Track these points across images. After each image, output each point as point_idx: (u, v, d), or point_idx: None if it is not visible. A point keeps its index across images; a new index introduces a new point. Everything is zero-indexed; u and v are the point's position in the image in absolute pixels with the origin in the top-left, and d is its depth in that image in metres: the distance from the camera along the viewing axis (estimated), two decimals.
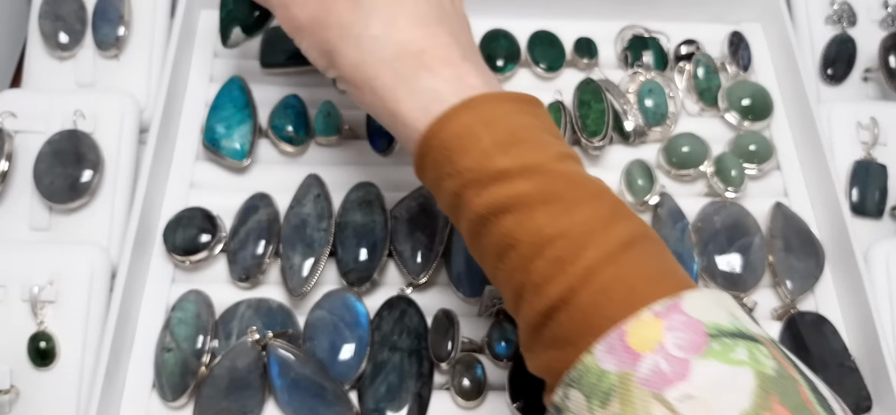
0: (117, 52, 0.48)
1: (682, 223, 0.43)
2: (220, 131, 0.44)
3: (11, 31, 0.51)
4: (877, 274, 0.42)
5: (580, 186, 0.29)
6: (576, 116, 0.45)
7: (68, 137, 0.43)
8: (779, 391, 0.24)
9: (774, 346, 0.26)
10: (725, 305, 0.27)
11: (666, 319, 0.26)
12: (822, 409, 0.25)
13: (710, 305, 0.26)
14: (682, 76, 0.49)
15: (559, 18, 0.50)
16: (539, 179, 0.29)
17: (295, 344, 0.39)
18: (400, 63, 0.32)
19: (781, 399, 0.24)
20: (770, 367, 0.25)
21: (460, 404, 0.38)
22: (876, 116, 0.47)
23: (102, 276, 0.40)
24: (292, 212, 0.42)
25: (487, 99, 0.31)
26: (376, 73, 0.32)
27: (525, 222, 0.28)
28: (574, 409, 0.27)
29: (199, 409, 0.38)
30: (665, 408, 0.24)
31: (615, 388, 0.25)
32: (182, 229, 0.41)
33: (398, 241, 0.41)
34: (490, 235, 0.30)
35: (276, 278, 0.41)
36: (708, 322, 0.26)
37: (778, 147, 0.47)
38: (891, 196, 0.46)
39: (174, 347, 0.39)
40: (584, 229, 0.28)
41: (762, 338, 0.26)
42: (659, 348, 0.25)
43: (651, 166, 0.45)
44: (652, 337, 0.25)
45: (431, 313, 0.40)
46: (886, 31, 0.51)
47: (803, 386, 0.25)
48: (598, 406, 0.26)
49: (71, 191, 0.42)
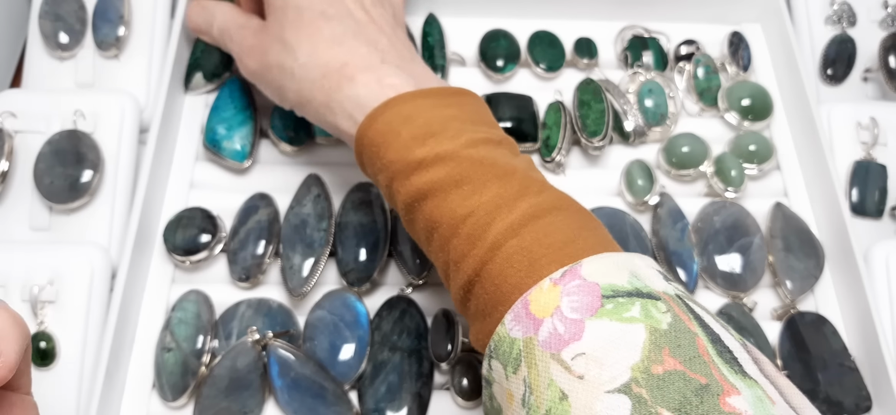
0: (117, 52, 0.48)
1: (681, 223, 0.43)
2: (221, 132, 0.44)
3: (11, 31, 0.51)
4: (877, 274, 0.42)
5: (489, 168, 0.31)
6: (576, 116, 0.45)
7: (68, 137, 0.43)
8: (670, 344, 0.25)
9: (678, 301, 0.28)
10: (628, 267, 0.28)
11: (563, 284, 0.27)
12: (720, 359, 0.26)
13: (609, 269, 0.28)
14: (682, 76, 0.49)
15: (559, 18, 0.50)
16: (451, 165, 0.31)
17: (295, 344, 0.39)
18: (326, 80, 0.36)
19: (672, 351, 0.25)
20: (664, 322, 0.26)
21: (460, 404, 0.38)
22: (876, 116, 0.47)
23: (102, 276, 0.40)
24: (292, 212, 0.42)
25: (407, 97, 0.34)
26: (311, 95, 0.36)
27: (441, 206, 0.31)
28: (497, 378, 0.29)
29: (199, 409, 0.38)
30: (561, 367, 0.26)
31: (522, 353, 0.27)
32: (182, 229, 0.41)
33: (398, 241, 0.41)
34: (417, 221, 0.33)
35: (276, 278, 0.41)
36: (604, 284, 0.27)
37: (778, 147, 0.47)
38: (891, 196, 0.46)
39: (174, 347, 0.39)
40: (490, 207, 0.30)
41: (664, 294, 0.27)
42: (556, 312, 0.27)
43: (651, 166, 0.45)
44: (551, 303, 0.27)
45: (431, 313, 0.40)
46: (886, 31, 0.51)
47: (702, 338, 0.26)
48: (511, 373, 0.28)
49: (71, 191, 0.42)
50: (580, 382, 0.25)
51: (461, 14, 0.50)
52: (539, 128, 0.46)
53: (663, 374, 0.25)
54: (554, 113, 0.46)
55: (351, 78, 0.35)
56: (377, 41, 0.37)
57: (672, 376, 0.25)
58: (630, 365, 0.25)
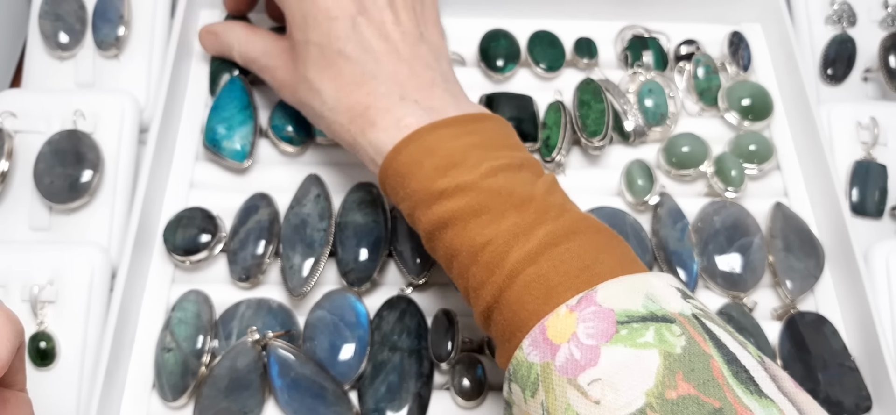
0: (117, 52, 0.48)
1: (681, 223, 0.43)
2: (221, 132, 0.44)
3: (11, 31, 0.51)
4: (877, 274, 0.42)
5: (506, 197, 0.32)
6: (576, 116, 0.45)
7: (68, 137, 0.43)
8: (684, 368, 0.26)
9: (694, 322, 0.28)
10: (644, 290, 0.29)
11: (579, 311, 0.28)
12: (735, 380, 0.26)
13: (624, 293, 0.28)
14: (682, 76, 0.49)
15: (559, 18, 0.50)
16: (471, 195, 0.32)
17: (295, 344, 0.39)
18: (353, 125, 0.37)
19: (686, 375, 0.26)
20: (678, 346, 0.27)
21: (460, 404, 0.38)
22: (876, 116, 0.47)
23: (102, 276, 0.40)
24: (292, 212, 0.42)
25: (428, 129, 0.35)
26: (340, 136, 0.38)
27: (461, 234, 0.32)
28: (516, 401, 0.30)
29: (199, 409, 0.38)
30: (578, 392, 0.27)
31: (540, 378, 0.28)
32: (182, 229, 0.41)
33: (398, 241, 0.41)
34: (438, 248, 0.34)
35: (276, 278, 0.41)
36: (618, 310, 0.28)
37: (778, 147, 0.47)
38: (891, 196, 0.46)
39: (174, 347, 0.39)
40: (508, 235, 0.31)
41: (679, 316, 0.28)
42: (573, 338, 0.27)
43: (651, 166, 0.45)
44: (567, 329, 0.28)
45: (431, 313, 0.40)
46: (886, 31, 0.51)
47: (717, 360, 0.26)
48: (529, 397, 0.28)
49: (71, 191, 0.42)
50: (596, 407, 0.26)
51: (461, 14, 0.50)
52: (539, 128, 0.46)
53: (677, 399, 0.25)
54: (554, 113, 0.46)
55: (373, 123, 0.36)
56: (396, 74, 0.37)
57: (686, 400, 0.25)
58: (644, 390, 0.25)
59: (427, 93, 0.37)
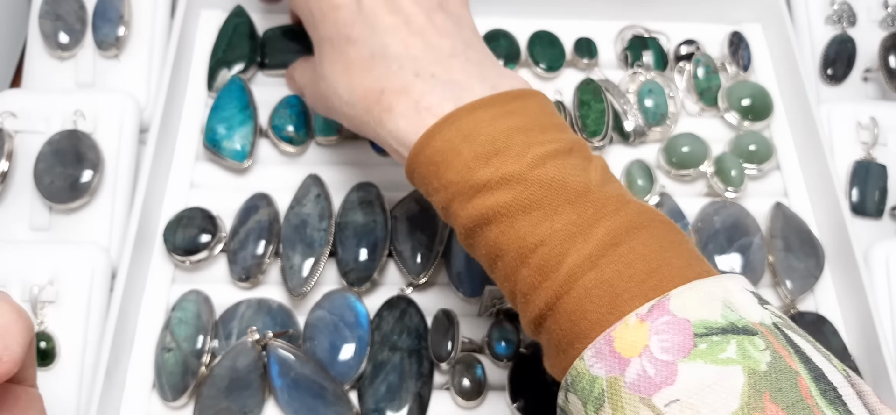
0: (117, 52, 0.48)
1: (682, 223, 0.43)
2: (221, 132, 0.44)
3: (11, 31, 0.51)
4: (877, 274, 0.42)
5: (559, 190, 0.29)
6: (576, 116, 0.45)
7: (68, 137, 0.43)
8: (771, 388, 0.24)
9: (776, 332, 0.25)
10: (720, 296, 0.26)
11: (651, 321, 0.25)
12: (824, 400, 0.24)
13: (700, 301, 0.26)
14: (682, 76, 0.49)
15: (559, 18, 0.50)
16: (518, 188, 0.29)
17: (295, 344, 0.39)
18: (370, 115, 0.34)
19: (773, 396, 0.24)
20: (763, 362, 0.24)
21: (460, 404, 0.38)
22: (876, 116, 0.47)
23: (102, 276, 0.40)
24: (292, 212, 0.42)
25: (466, 111, 0.31)
26: (363, 131, 0.36)
27: (508, 232, 0.29)
28: (574, 412, 0.27)
29: (199, 409, 0.38)
30: (653, 413, 0.24)
31: (606, 393, 0.25)
32: (182, 229, 0.41)
33: (398, 241, 0.41)
34: (480, 246, 0.31)
35: (276, 278, 0.41)
36: (695, 321, 0.25)
37: (778, 147, 0.47)
38: (891, 196, 0.46)
39: (174, 347, 0.39)
40: (563, 235, 0.28)
41: (760, 326, 0.25)
42: (645, 352, 0.25)
43: (651, 166, 0.45)
44: (638, 341, 0.25)
45: (431, 313, 0.40)
46: (886, 31, 0.51)
47: (804, 377, 0.24)
48: (592, 411, 0.26)
49: (71, 191, 0.42)
50: None
51: None
52: None
53: None
54: None
55: (389, 109, 0.33)
56: (407, 49, 0.34)
57: None
58: (729, 412, 0.23)
59: (445, 64, 0.34)
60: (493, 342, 0.39)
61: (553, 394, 0.38)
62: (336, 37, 0.36)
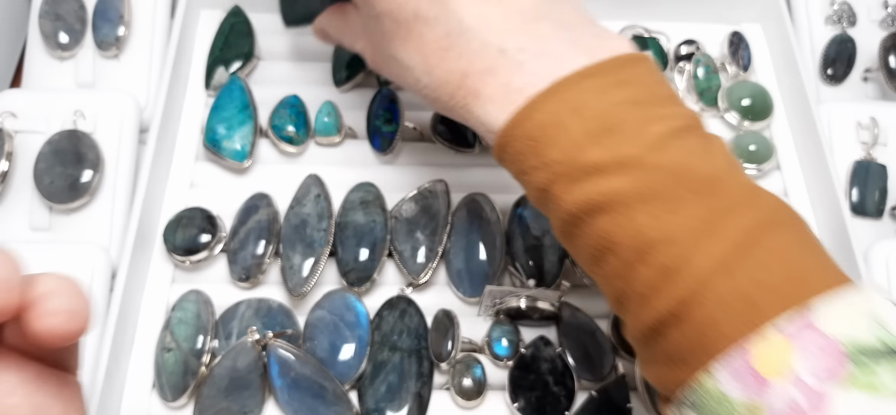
0: (117, 52, 0.48)
1: None
2: (222, 132, 0.44)
3: (11, 31, 0.51)
4: (877, 274, 0.42)
5: (685, 179, 0.26)
6: None
7: (68, 137, 0.43)
8: None
9: None
10: (870, 312, 0.23)
11: (796, 339, 0.23)
12: None
13: (849, 315, 0.23)
14: (682, 76, 0.49)
15: None
16: (637, 175, 0.26)
17: (295, 344, 0.39)
18: (453, 100, 0.31)
19: None
20: None
21: (460, 404, 0.38)
22: (876, 116, 0.47)
23: (102, 276, 0.40)
24: (292, 212, 0.42)
25: (571, 82, 0.28)
26: (446, 112, 0.32)
27: (623, 224, 0.26)
28: None
29: (199, 409, 0.38)
30: None
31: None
32: (182, 229, 0.41)
33: (398, 241, 0.41)
34: (584, 236, 0.27)
35: (276, 278, 0.41)
36: (845, 340, 0.22)
37: (778, 147, 0.47)
38: (891, 196, 0.46)
39: (174, 347, 0.39)
40: (690, 232, 0.25)
41: None
42: (790, 375, 0.22)
43: None
44: (781, 361, 0.22)
45: (431, 313, 0.40)
46: (886, 31, 0.51)
47: None
48: None
49: (71, 191, 0.42)
50: None
51: None
52: None
53: None
54: None
55: (476, 93, 0.30)
56: (487, 21, 0.30)
57: None
58: None
59: (531, 32, 0.29)
60: (493, 342, 0.39)
61: (553, 394, 0.38)
62: (399, 13, 0.31)
